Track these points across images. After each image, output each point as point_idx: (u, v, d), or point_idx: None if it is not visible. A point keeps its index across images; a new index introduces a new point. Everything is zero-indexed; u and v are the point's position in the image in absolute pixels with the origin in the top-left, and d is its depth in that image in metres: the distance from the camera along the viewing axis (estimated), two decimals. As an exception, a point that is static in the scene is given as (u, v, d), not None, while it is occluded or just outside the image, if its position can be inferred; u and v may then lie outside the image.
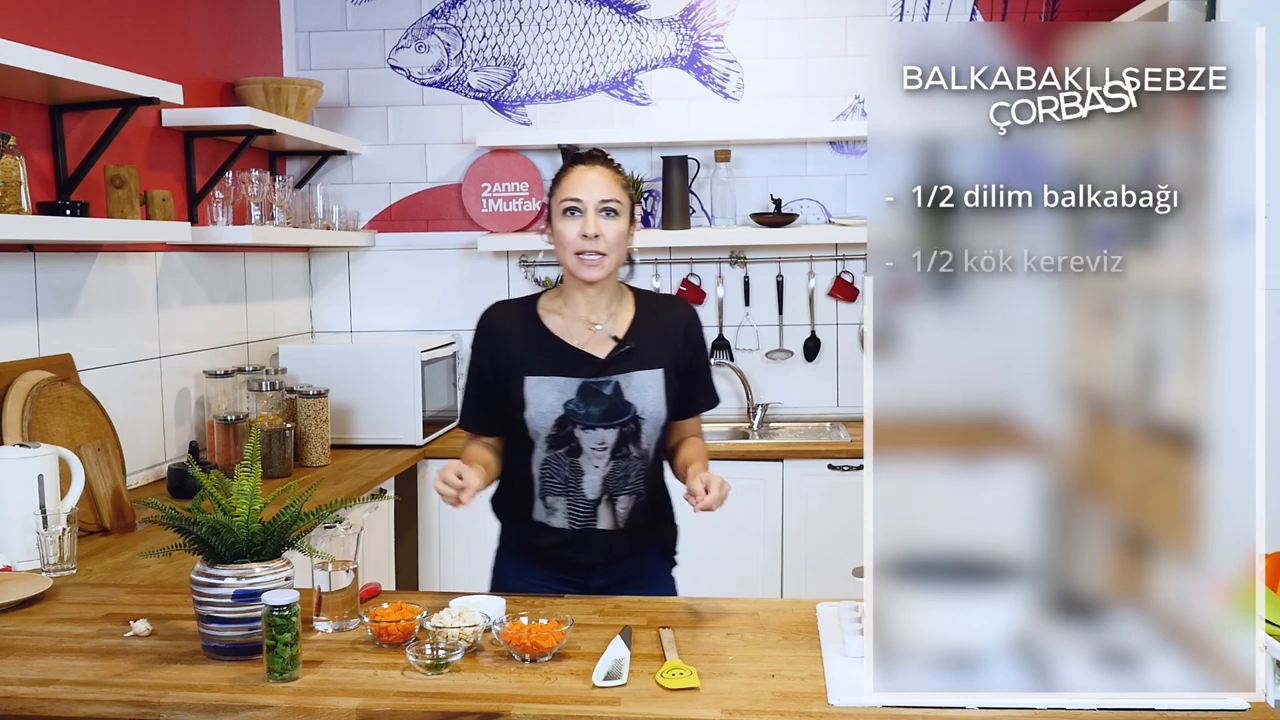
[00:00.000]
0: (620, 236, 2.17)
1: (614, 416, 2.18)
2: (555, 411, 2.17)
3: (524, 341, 2.22)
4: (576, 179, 2.18)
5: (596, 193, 2.15)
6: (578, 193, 2.16)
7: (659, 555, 2.37)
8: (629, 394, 2.18)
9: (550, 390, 2.18)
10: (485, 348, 2.26)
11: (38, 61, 2.49)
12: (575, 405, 2.17)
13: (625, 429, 2.18)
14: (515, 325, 2.25)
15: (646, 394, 2.19)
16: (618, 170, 2.23)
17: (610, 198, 2.16)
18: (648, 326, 2.24)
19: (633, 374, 2.19)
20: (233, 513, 1.78)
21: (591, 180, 2.17)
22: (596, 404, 2.17)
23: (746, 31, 4.32)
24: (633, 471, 2.21)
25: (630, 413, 2.18)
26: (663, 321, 2.26)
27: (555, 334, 2.22)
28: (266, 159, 4.27)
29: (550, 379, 2.18)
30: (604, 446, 2.18)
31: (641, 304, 2.28)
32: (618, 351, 2.20)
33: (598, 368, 2.19)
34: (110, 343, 3.16)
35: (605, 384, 2.18)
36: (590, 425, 2.18)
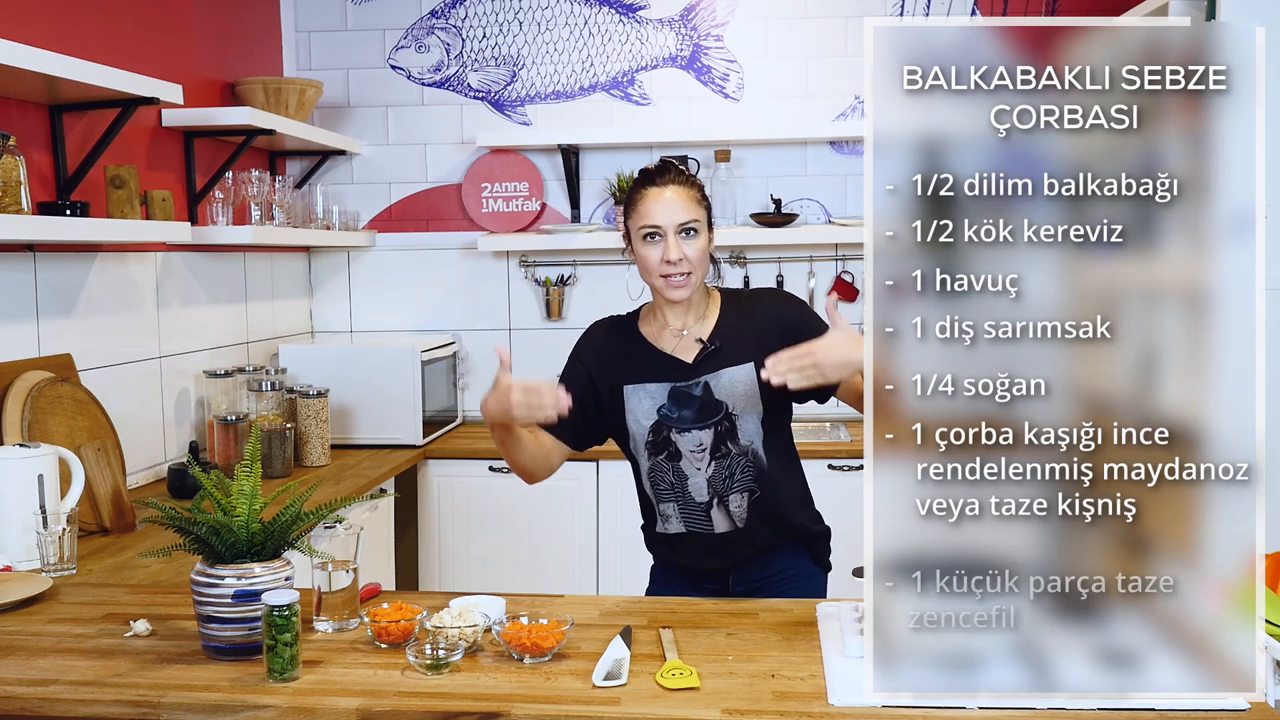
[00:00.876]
0: (702, 253, 2.16)
1: (707, 417, 2.18)
2: (650, 417, 2.20)
3: (623, 352, 2.25)
4: (652, 202, 2.14)
5: (674, 216, 2.13)
6: (655, 219, 2.13)
7: (806, 559, 2.30)
8: (719, 393, 2.18)
9: (645, 397, 2.20)
10: (583, 365, 2.26)
11: (38, 61, 2.49)
12: (668, 409, 2.19)
13: (720, 428, 2.18)
14: (615, 338, 2.28)
15: (737, 389, 2.18)
16: (691, 182, 2.19)
17: (688, 219, 2.14)
18: (734, 323, 2.23)
19: (721, 372, 2.18)
20: (233, 513, 1.78)
21: (667, 202, 2.14)
22: (688, 406, 2.18)
23: (746, 31, 4.32)
24: (737, 469, 2.19)
25: (722, 411, 2.18)
26: (749, 314, 2.25)
27: (649, 341, 2.24)
28: (266, 159, 4.27)
29: (645, 386, 2.21)
30: (702, 448, 2.18)
31: (727, 302, 2.27)
32: (704, 353, 2.20)
33: (686, 371, 2.20)
34: (110, 343, 3.16)
35: (695, 385, 2.18)
36: (684, 428, 2.18)
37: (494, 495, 3.93)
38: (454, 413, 4.35)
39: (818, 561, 2.33)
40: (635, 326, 2.29)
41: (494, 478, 3.91)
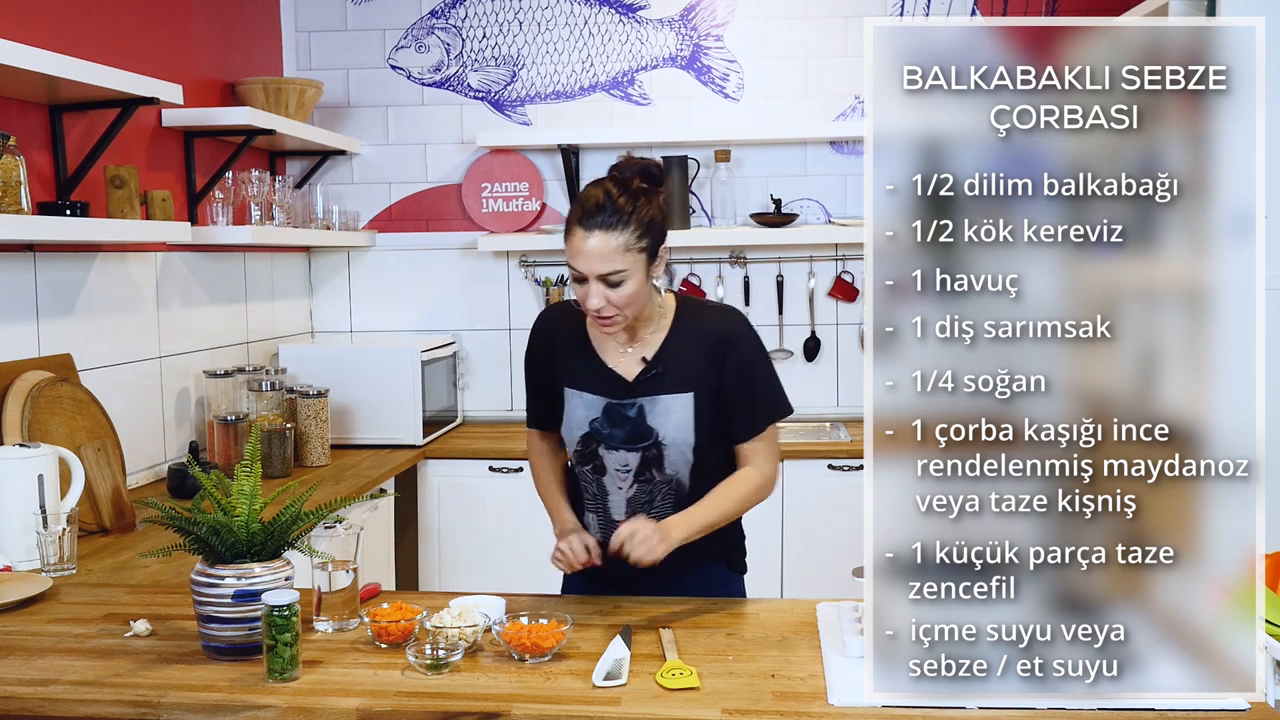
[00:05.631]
0: (631, 297, 2.04)
1: (636, 440, 2.13)
2: (582, 428, 2.16)
3: (569, 350, 2.20)
4: (577, 247, 2.02)
5: (594, 267, 2.00)
6: (578, 265, 2.03)
7: (722, 565, 2.26)
8: (652, 418, 2.12)
9: (581, 406, 2.17)
10: (537, 348, 2.25)
11: (38, 61, 2.49)
12: (600, 425, 2.14)
13: (648, 453, 2.13)
14: (566, 330, 2.22)
15: (671, 419, 2.11)
16: (625, 223, 2.01)
17: (609, 271, 2.00)
18: (682, 344, 2.14)
19: (659, 398, 2.12)
20: (233, 513, 1.78)
21: (589, 251, 2.00)
22: (620, 426, 2.13)
23: (746, 31, 4.32)
24: (658, 495, 2.15)
25: (652, 438, 2.12)
26: (700, 338, 2.14)
27: (594, 348, 2.18)
28: (266, 159, 4.27)
29: (582, 394, 2.17)
30: (627, 469, 2.14)
31: (681, 317, 2.17)
32: (646, 374, 2.14)
33: (625, 389, 2.14)
34: (110, 343, 3.16)
35: (630, 406, 2.13)
36: (613, 446, 2.14)
37: (494, 495, 3.92)
38: (454, 413, 4.35)
39: (733, 568, 2.29)
40: (584, 326, 2.20)
41: (494, 478, 3.91)
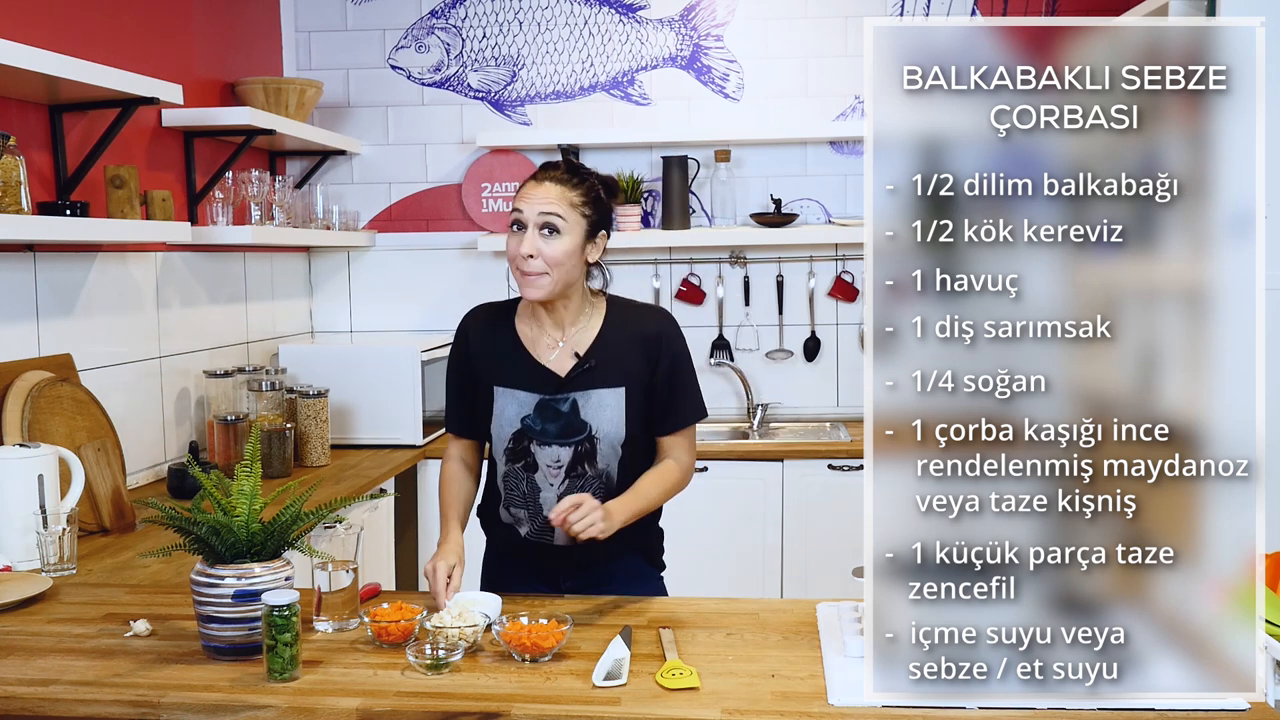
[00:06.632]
0: (563, 255, 2.09)
1: (569, 435, 2.15)
2: (514, 425, 2.17)
3: (494, 350, 2.21)
4: (525, 191, 2.12)
5: (537, 206, 2.09)
6: (522, 206, 2.10)
7: (641, 561, 2.30)
8: (585, 412, 2.15)
9: (511, 403, 2.18)
10: (462, 350, 2.26)
11: (38, 61, 2.49)
12: (532, 421, 2.16)
13: (580, 448, 2.15)
14: (490, 332, 2.24)
15: (604, 413, 2.15)
16: (577, 185, 2.13)
17: (551, 211, 2.08)
18: (614, 341, 2.19)
19: (592, 392, 2.15)
20: (233, 513, 1.78)
21: (537, 195, 2.10)
22: (553, 421, 2.15)
23: (746, 31, 4.32)
24: (590, 490, 2.15)
25: (586, 431, 2.15)
26: (632, 335, 2.19)
27: (523, 344, 2.20)
28: (266, 159, 4.27)
29: (512, 391, 2.18)
30: (559, 464, 2.16)
31: (612, 316, 2.22)
32: (578, 369, 2.16)
33: (557, 384, 2.16)
34: (110, 343, 3.16)
35: (563, 401, 2.15)
36: (546, 442, 2.16)
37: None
38: (454, 413, 4.35)
39: (652, 564, 2.32)
40: (512, 323, 2.23)
41: (494, 478, 3.91)
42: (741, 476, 3.83)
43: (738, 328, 4.39)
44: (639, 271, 4.37)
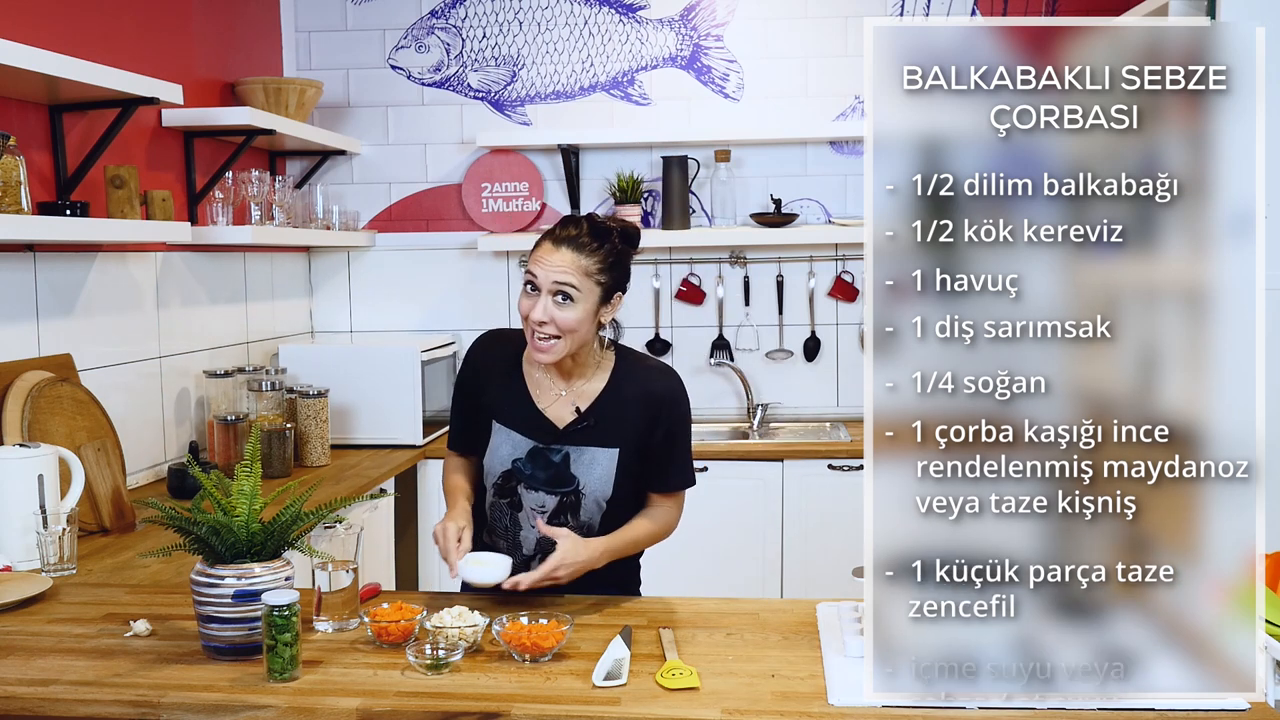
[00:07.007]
0: (575, 322, 2.07)
1: (557, 484, 2.17)
2: (505, 464, 2.19)
3: (500, 385, 2.23)
4: (541, 254, 2.09)
5: (552, 275, 2.06)
6: (536, 270, 2.08)
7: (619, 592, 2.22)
8: (576, 467, 2.17)
9: (506, 442, 2.20)
10: (470, 377, 2.27)
11: (38, 61, 2.49)
12: (522, 465, 2.18)
13: (566, 499, 2.17)
14: (499, 365, 2.24)
15: (594, 471, 2.16)
16: (595, 250, 2.08)
17: (565, 281, 2.06)
18: (616, 401, 2.18)
19: (585, 449, 2.16)
20: (233, 513, 1.78)
21: (553, 262, 2.07)
22: (543, 469, 2.17)
23: (746, 31, 4.32)
24: None
25: (574, 485, 2.17)
26: (636, 395, 2.18)
27: (527, 387, 2.21)
28: (266, 159, 4.27)
29: (510, 432, 2.20)
30: (543, 509, 2.18)
31: (619, 373, 2.21)
32: (577, 424, 2.18)
33: (553, 435, 2.18)
34: (110, 343, 3.15)
35: (556, 452, 2.17)
36: (533, 487, 2.18)
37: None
38: (454, 413, 4.35)
39: (627, 591, 2.29)
40: (520, 361, 2.23)
41: (494, 478, 3.91)
42: (741, 476, 3.83)
43: (738, 328, 4.39)
44: (639, 272, 4.37)
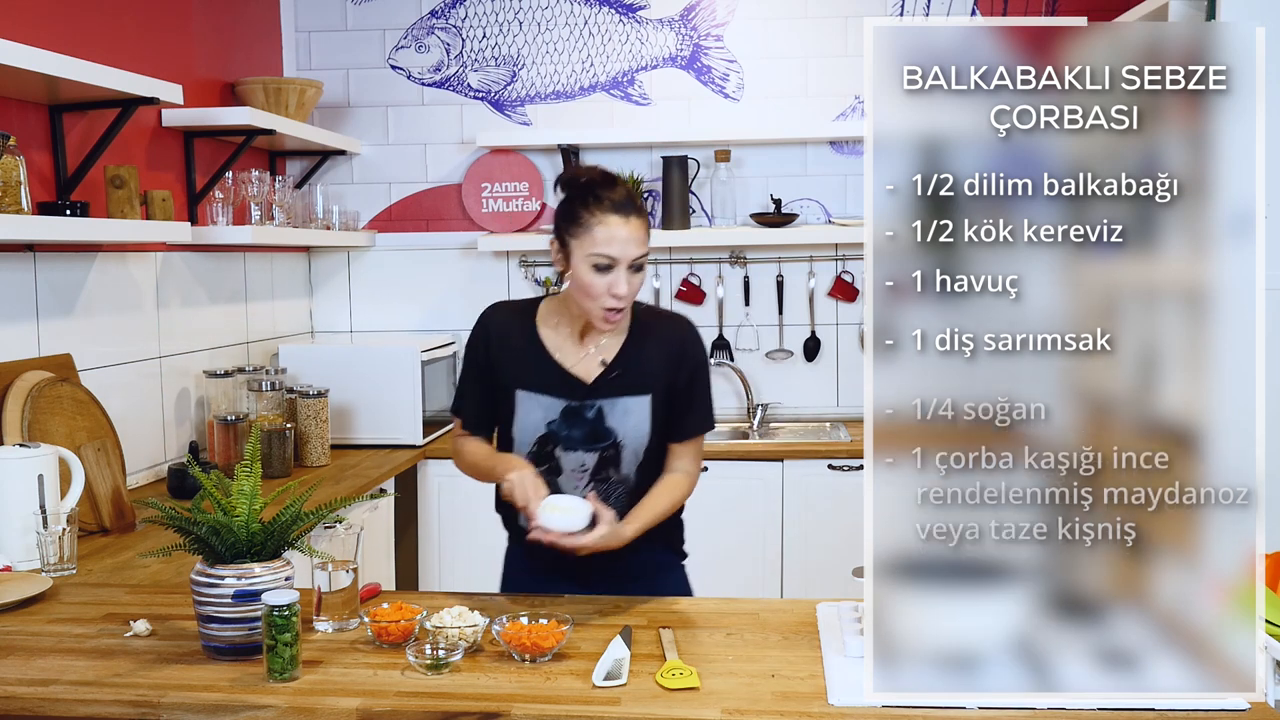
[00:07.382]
0: (640, 285, 2.11)
1: (595, 441, 2.16)
2: (538, 430, 2.17)
3: (519, 352, 2.20)
4: (612, 232, 2.04)
5: (631, 251, 2.05)
6: (613, 250, 2.04)
7: (665, 550, 2.31)
8: (611, 420, 2.16)
9: (536, 408, 2.17)
10: (483, 347, 2.22)
11: (38, 61, 2.49)
12: (557, 426, 2.16)
13: (605, 454, 2.17)
14: (513, 332, 2.21)
15: (629, 420, 2.16)
16: (642, 216, 2.10)
17: (642, 254, 2.08)
18: (640, 349, 2.19)
19: (618, 399, 2.16)
20: (233, 513, 1.78)
21: (626, 238, 2.04)
22: (579, 427, 2.16)
23: (746, 31, 4.32)
24: (613, 494, 2.18)
25: (611, 438, 2.16)
26: (657, 342, 2.20)
27: (548, 349, 2.19)
28: (266, 159, 4.27)
29: (537, 396, 2.17)
30: (584, 469, 2.17)
31: (638, 323, 2.22)
32: (605, 377, 2.17)
33: (584, 391, 2.17)
34: (110, 343, 3.15)
35: (589, 408, 2.16)
36: (571, 447, 2.17)
37: (493, 495, 3.91)
38: (454, 413, 4.35)
39: (674, 550, 2.33)
40: (534, 326, 2.21)
41: (494, 478, 3.91)
42: (741, 476, 3.83)
43: (738, 328, 4.39)
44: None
